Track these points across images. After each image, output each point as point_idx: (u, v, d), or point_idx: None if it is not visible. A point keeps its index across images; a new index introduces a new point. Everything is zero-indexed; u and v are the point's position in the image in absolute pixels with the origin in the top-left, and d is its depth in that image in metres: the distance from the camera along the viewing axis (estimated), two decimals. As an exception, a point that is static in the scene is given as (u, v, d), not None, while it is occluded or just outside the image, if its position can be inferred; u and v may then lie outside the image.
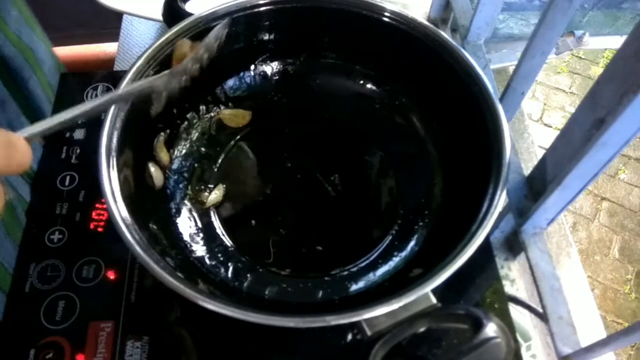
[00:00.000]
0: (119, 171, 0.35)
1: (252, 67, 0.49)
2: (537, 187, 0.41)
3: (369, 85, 0.50)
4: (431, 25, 0.43)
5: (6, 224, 0.45)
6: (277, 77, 0.50)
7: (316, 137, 0.51)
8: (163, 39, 0.41)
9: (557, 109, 1.67)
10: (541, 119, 1.65)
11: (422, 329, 0.30)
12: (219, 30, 0.42)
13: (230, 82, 0.49)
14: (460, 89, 0.41)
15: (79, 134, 0.51)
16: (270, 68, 0.50)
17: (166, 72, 0.39)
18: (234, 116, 0.49)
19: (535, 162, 0.41)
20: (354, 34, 0.47)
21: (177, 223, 0.42)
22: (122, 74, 0.39)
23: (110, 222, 0.33)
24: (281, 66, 0.50)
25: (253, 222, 0.45)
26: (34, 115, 0.55)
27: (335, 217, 0.46)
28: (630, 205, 1.47)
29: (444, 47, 0.42)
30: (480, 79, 0.39)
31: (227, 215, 0.45)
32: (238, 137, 0.49)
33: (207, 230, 0.43)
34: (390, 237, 0.43)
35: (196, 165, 0.46)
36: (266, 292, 0.40)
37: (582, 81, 1.73)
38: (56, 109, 0.54)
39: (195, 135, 0.47)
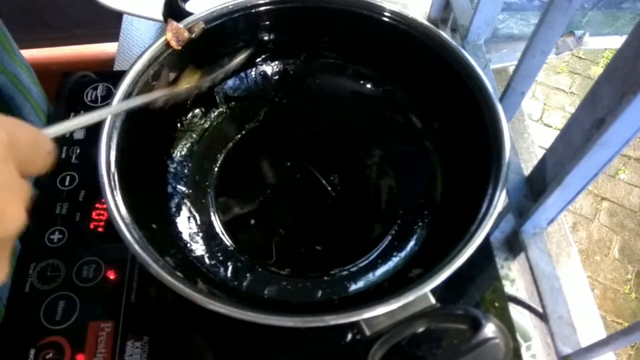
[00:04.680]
0: (119, 171, 0.35)
1: (253, 67, 0.50)
2: (537, 187, 0.41)
3: (369, 85, 0.50)
4: (431, 25, 0.43)
5: None
6: (277, 77, 0.50)
7: (316, 137, 0.51)
8: (163, 38, 0.41)
9: (557, 109, 1.67)
10: (541, 119, 1.65)
11: (421, 329, 0.30)
12: (228, 65, 0.44)
13: (230, 82, 0.49)
14: (460, 89, 0.41)
15: (78, 134, 0.51)
16: (270, 68, 0.50)
17: (167, 90, 0.40)
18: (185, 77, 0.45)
19: (535, 162, 0.41)
20: (354, 34, 0.47)
21: (176, 222, 0.42)
22: (122, 74, 0.39)
23: (110, 222, 0.33)
24: (281, 66, 0.50)
25: (252, 221, 0.45)
26: None
27: (334, 217, 0.46)
28: (630, 205, 1.47)
29: (444, 47, 0.42)
30: (480, 79, 0.39)
31: (227, 214, 0.45)
32: (238, 136, 0.49)
33: (207, 230, 0.43)
34: (389, 237, 0.43)
35: (196, 165, 0.46)
36: (265, 292, 0.40)
37: (582, 81, 1.73)
38: (57, 110, 0.54)
39: (195, 135, 0.47)
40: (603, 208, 1.47)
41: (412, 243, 0.42)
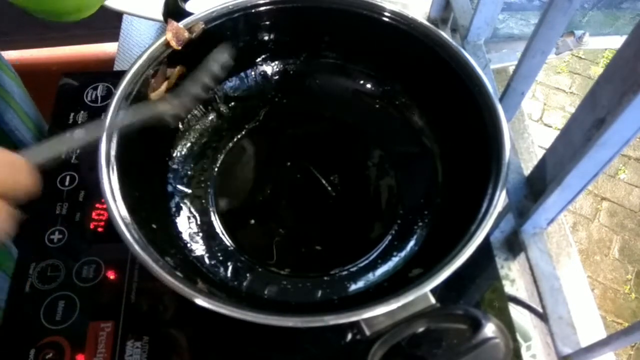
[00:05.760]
0: (119, 171, 0.35)
1: (253, 67, 0.50)
2: (537, 187, 0.41)
3: (369, 85, 0.50)
4: (431, 25, 0.43)
5: None
6: (277, 77, 0.50)
7: (316, 137, 0.51)
8: (163, 38, 0.41)
9: (557, 109, 1.67)
10: (541, 119, 1.65)
11: (421, 329, 0.30)
12: (219, 58, 0.41)
13: (231, 82, 0.49)
14: (460, 89, 0.41)
15: (79, 134, 0.51)
16: (270, 68, 0.50)
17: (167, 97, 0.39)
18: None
19: (535, 162, 0.41)
20: (354, 34, 0.47)
21: (176, 222, 0.42)
22: (122, 74, 0.39)
23: (110, 222, 0.33)
24: (281, 66, 0.50)
25: (252, 221, 0.45)
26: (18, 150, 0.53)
27: (334, 217, 0.46)
28: (630, 205, 1.47)
29: (444, 47, 0.42)
30: (480, 79, 0.39)
31: (227, 214, 0.45)
32: (238, 136, 0.49)
33: (207, 230, 0.43)
34: (389, 237, 0.43)
35: (196, 165, 0.46)
36: (265, 292, 0.40)
37: (582, 81, 1.73)
38: (57, 110, 0.54)
39: (194, 135, 0.47)
40: (603, 208, 1.47)
41: (412, 243, 0.42)
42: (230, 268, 0.41)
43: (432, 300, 0.31)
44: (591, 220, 1.45)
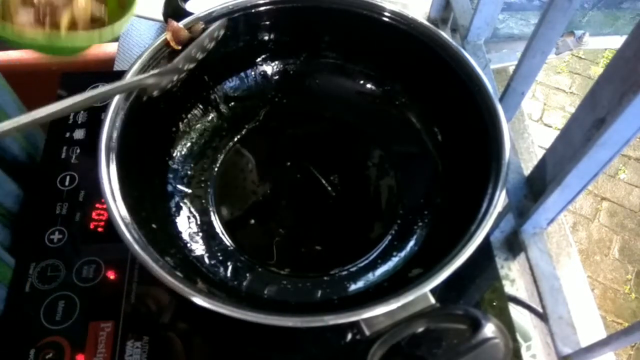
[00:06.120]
0: (119, 170, 0.35)
1: (253, 67, 0.50)
2: (537, 187, 0.41)
3: (369, 85, 0.50)
4: (431, 25, 0.43)
5: None
6: (277, 77, 0.50)
7: (316, 137, 0.51)
8: (163, 38, 0.41)
9: (557, 109, 1.67)
10: (541, 119, 1.65)
11: (420, 329, 0.30)
12: (214, 31, 0.42)
13: (231, 82, 0.49)
14: (460, 89, 0.41)
15: (78, 134, 0.51)
16: (271, 68, 0.50)
17: (155, 71, 0.39)
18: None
19: (535, 162, 0.41)
20: (354, 34, 0.47)
21: (176, 222, 0.42)
22: (122, 74, 0.39)
23: (110, 222, 0.33)
24: (281, 66, 0.50)
25: (252, 221, 0.45)
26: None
27: (334, 217, 0.46)
28: (630, 205, 1.47)
29: (444, 47, 0.42)
30: (480, 79, 0.39)
31: (227, 214, 0.45)
32: (238, 136, 0.49)
33: (207, 230, 0.43)
34: (389, 237, 0.43)
35: (196, 165, 0.46)
36: (265, 292, 0.40)
37: (582, 81, 1.73)
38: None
39: (194, 135, 0.47)
40: (603, 208, 1.47)
41: (412, 243, 0.42)
42: (230, 268, 0.41)
43: (432, 300, 0.31)
44: (591, 220, 1.45)
